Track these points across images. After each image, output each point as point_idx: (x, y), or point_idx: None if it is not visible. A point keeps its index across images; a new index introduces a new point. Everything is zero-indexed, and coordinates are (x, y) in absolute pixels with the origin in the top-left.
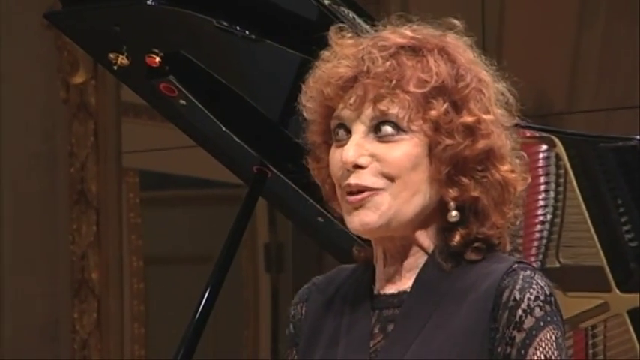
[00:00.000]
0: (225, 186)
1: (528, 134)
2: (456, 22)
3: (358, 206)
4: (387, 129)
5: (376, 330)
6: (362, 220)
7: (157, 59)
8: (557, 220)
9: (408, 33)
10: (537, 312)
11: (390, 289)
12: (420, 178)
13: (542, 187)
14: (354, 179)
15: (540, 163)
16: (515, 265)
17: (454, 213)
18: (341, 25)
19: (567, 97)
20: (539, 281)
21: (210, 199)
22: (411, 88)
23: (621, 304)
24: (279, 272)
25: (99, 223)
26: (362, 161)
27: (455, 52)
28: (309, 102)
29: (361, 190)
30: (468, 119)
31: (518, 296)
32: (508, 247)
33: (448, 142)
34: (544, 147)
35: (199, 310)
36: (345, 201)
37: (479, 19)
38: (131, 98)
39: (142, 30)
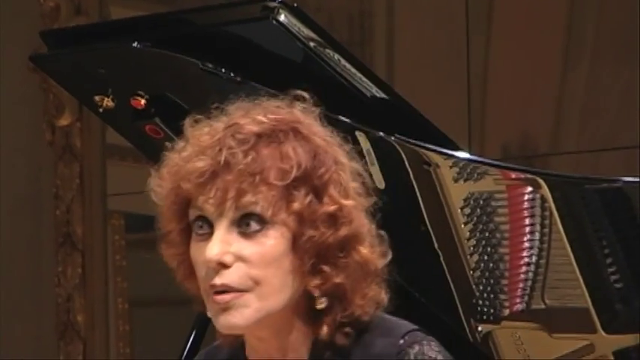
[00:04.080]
0: None
1: (513, 175)
2: (304, 93)
3: (224, 307)
4: (251, 224)
5: None
6: (229, 322)
7: (143, 101)
8: (543, 262)
9: (261, 118)
10: None
11: None
12: (285, 272)
13: (527, 229)
14: (219, 279)
15: (525, 205)
16: (402, 342)
17: (323, 299)
18: (196, 116)
19: (552, 139)
20: (431, 355)
21: None
22: (273, 181)
23: (607, 345)
24: None
25: (84, 266)
26: (226, 259)
27: (309, 132)
28: (160, 188)
29: (227, 290)
30: (330, 208)
31: None
32: (378, 311)
33: (312, 233)
34: (529, 188)
35: (185, 353)
36: (210, 300)
37: (464, 61)
38: (116, 140)
39: (128, 72)
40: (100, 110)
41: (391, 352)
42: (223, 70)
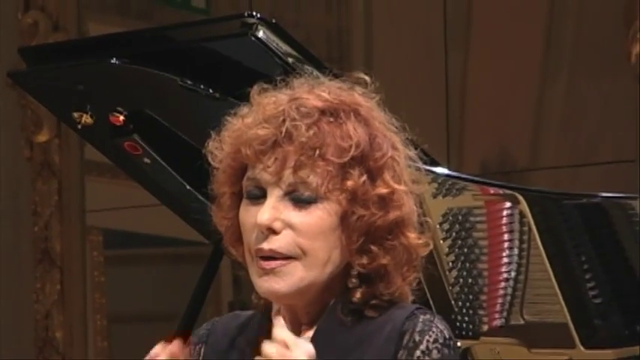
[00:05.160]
0: (189, 244)
1: (492, 191)
2: (365, 76)
3: (269, 272)
4: (304, 196)
5: None
6: (271, 286)
7: (121, 118)
8: (522, 277)
9: (326, 95)
10: (435, 354)
11: None
12: (331, 246)
13: (506, 244)
14: (267, 244)
15: (504, 220)
16: (416, 311)
17: (354, 280)
18: (264, 85)
19: (531, 154)
20: (438, 325)
21: (174, 257)
22: (331, 158)
23: None
24: None
25: (63, 282)
26: (276, 225)
27: (369, 115)
28: (218, 151)
29: (274, 256)
30: (383, 190)
31: (417, 338)
32: (410, 298)
33: (362, 212)
34: (508, 204)
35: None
36: (255, 264)
37: (442, 77)
38: (95, 157)
39: (106, 89)
40: (79, 127)
41: (402, 316)
42: (202, 86)
